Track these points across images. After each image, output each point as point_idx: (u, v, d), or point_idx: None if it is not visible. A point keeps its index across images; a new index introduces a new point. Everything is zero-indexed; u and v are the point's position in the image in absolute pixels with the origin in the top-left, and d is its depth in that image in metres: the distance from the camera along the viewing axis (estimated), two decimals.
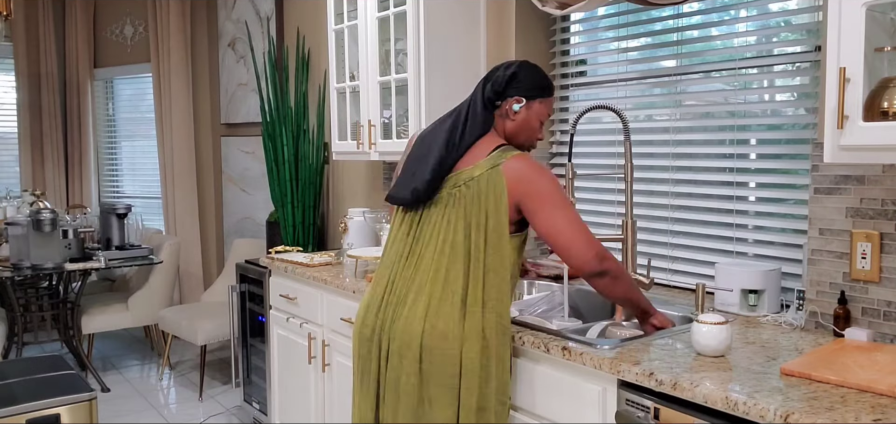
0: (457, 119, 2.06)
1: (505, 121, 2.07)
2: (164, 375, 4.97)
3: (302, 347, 3.21)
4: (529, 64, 2.10)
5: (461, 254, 1.94)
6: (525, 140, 2.10)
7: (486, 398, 1.93)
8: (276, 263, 3.39)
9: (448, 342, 1.91)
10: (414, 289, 1.97)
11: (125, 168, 6.37)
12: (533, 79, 2.07)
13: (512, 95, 2.05)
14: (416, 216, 2.06)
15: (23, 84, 6.10)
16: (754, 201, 2.47)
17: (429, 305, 1.93)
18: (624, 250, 2.48)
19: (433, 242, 1.98)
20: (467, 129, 2.03)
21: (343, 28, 3.48)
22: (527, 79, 2.06)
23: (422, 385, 1.93)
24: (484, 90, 2.07)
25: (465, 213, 1.96)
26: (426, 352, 1.91)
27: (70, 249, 4.59)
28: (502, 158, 1.97)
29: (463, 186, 1.97)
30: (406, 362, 1.93)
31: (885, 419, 1.41)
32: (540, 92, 2.08)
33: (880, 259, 1.94)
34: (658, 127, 2.77)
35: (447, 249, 1.95)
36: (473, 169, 1.97)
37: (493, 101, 2.06)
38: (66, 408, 2.71)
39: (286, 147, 4.14)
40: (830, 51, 1.67)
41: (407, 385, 1.94)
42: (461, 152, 2.01)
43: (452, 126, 2.04)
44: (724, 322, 1.80)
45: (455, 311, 1.92)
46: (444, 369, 1.91)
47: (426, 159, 2.03)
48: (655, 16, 2.75)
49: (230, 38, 5.39)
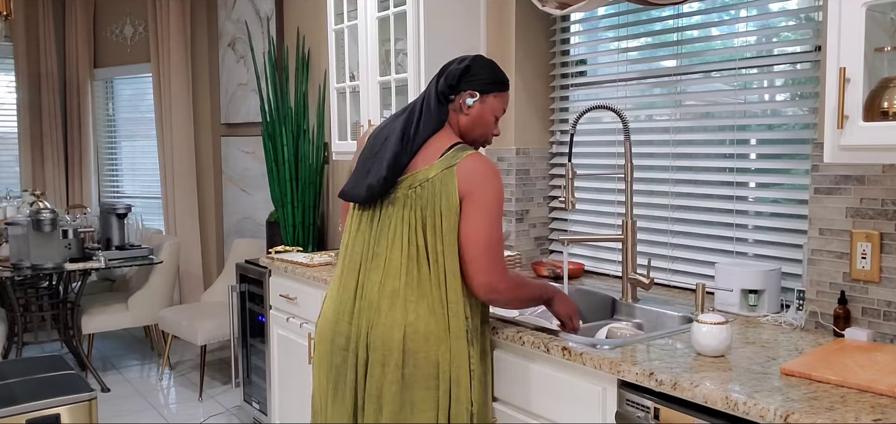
0: (411, 114, 2.02)
1: (459, 115, 2.04)
2: (164, 375, 4.97)
3: (302, 347, 3.21)
4: (484, 58, 2.08)
5: (424, 257, 1.93)
6: (479, 135, 2.08)
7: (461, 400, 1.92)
8: (276, 263, 3.39)
9: (430, 343, 1.89)
10: (387, 294, 1.93)
11: (125, 168, 6.37)
12: (487, 73, 2.05)
13: (465, 89, 2.03)
14: (373, 215, 2.02)
15: (23, 84, 6.10)
16: (754, 201, 2.47)
17: (405, 309, 1.91)
18: (624, 250, 2.48)
19: (397, 243, 1.95)
20: (421, 124, 2.00)
21: (343, 28, 3.48)
22: (481, 73, 2.04)
23: (404, 390, 1.90)
24: (437, 84, 2.04)
25: (421, 215, 1.93)
26: (409, 356, 1.89)
27: (70, 249, 4.59)
28: (457, 157, 1.95)
29: (419, 186, 1.94)
30: (389, 369, 1.90)
31: (885, 419, 1.41)
32: (494, 86, 2.06)
33: (880, 259, 1.94)
34: (658, 127, 2.77)
35: (412, 251, 1.93)
36: (429, 169, 1.95)
37: (446, 94, 2.03)
38: (66, 408, 2.71)
39: (286, 147, 4.14)
40: (830, 51, 1.67)
41: (389, 392, 1.91)
42: (415, 149, 1.98)
43: (406, 121, 2.01)
44: (724, 322, 1.80)
45: (431, 313, 1.90)
46: (426, 371, 1.89)
47: (380, 155, 2.00)
48: (655, 16, 2.75)
49: (230, 38, 5.39)
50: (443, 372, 1.90)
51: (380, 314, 1.93)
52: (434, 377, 1.90)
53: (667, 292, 2.64)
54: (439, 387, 1.91)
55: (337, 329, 2.02)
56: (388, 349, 1.91)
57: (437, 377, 1.90)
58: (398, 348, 1.89)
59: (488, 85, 2.05)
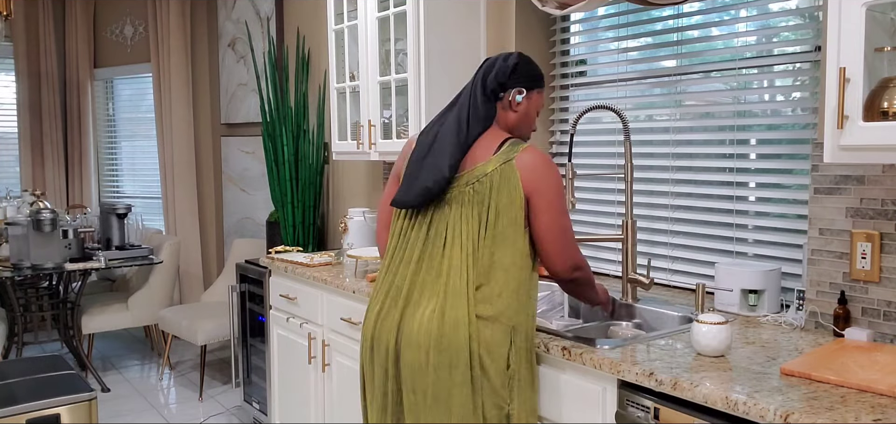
0: (459, 113, 2.03)
1: (507, 112, 2.06)
2: (164, 375, 4.97)
3: (302, 347, 3.21)
4: (525, 55, 2.10)
5: (471, 253, 1.91)
6: (525, 131, 2.10)
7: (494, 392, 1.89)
8: (276, 263, 3.39)
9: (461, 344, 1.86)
10: (436, 294, 1.91)
11: (125, 168, 6.37)
12: (531, 70, 2.08)
13: (514, 86, 2.04)
14: (426, 218, 2.00)
15: (23, 84, 6.10)
16: (754, 201, 2.47)
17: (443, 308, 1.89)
18: (624, 250, 2.48)
19: (450, 243, 1.94)
20: (471, 123, 2.01)
21: (343, 28, 3.48)
22: (526, 69, 2.07)
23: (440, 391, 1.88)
24: (485, 81, 2.04)
25: (478, 211, 1.93)
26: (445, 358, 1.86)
27: (70, 249, 4.59)
28: (514, 151, 1.96)
29: (476, 182, 1.94)
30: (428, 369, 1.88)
31: (885, 419, 1.41)
32: (538, 82, 2.10)
33: (880, 259, 1.94)
34: (658, 127, 2.77)
35: (458, 248, 1.92)
36: (486, 165, 1.95)
37: (496, 92, 2.04)
38: (66, 408, 2.71)
39: (286, 147, 4.14)
40: (830, 51, 1.67)
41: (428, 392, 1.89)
42: (469, 146, 1.99)
43: (457, 122, 2.01)
44: (724, 322, 1.80)
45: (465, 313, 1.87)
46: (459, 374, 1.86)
47: (433, 158, 1.99)
48: (655, 16, 2.75)
49: (230, 38, 5.39)
50: (474, 362, 1.87)
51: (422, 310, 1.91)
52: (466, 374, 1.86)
53: (667, 292, 2.64)
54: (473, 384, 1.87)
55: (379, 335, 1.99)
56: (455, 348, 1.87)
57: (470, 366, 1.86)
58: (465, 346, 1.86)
59: (533, 81, 2.08)
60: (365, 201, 4.07)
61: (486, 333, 1.88)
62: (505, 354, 1.90)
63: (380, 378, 2.00)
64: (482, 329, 1.88)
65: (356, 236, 3.51)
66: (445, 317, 1.88)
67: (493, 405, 1.89)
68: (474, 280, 1.90)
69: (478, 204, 1.93)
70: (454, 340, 1.86)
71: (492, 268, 1.91)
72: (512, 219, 1.93)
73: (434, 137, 2.03)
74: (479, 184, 1.94)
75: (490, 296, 1.90)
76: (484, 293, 1.90)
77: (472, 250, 1.91)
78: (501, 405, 1.90)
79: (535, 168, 1.94)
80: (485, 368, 1.88)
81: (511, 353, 1.91)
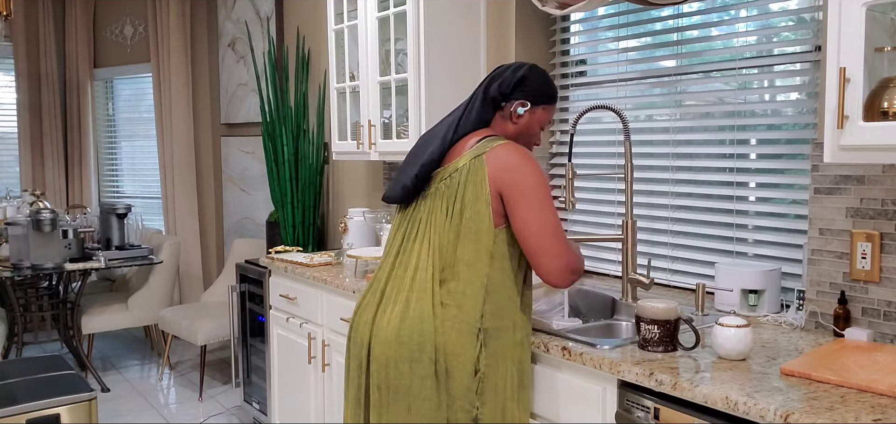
0: (454, 117, 2.05)
1: (506, 122, 2.04)
2: (164, 375, 4.97)
3: (302, 347, 3.21)
4: (539, 68, 2.07)
5: (437, 247, 1.90)
6: (524, 145, 2.08)
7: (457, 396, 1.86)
8: (276, 263, 3.39)
9: (423, 337, 1.85)
10: (404, 289, 1.92)
11: (125, 168, 6.37)
12: (541, 85, 2.05)
13: (518, 97, 2.03)
14: (406, 214, 2.04)
15: (23, 84, 6.10)
16: (754, 200, 2.47)
17: (408, 301, 1.89)
18: (624, 250, 2.48)
19: (420, 237, 1.95)
20: (462, 124, 2.01)
21: (343, 28, 3.48)
22: (535, 83, 2.04)
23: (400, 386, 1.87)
24: (488, 89, 2.04)
25: (445, 204, 1.93)
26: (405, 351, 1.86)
27: (70, 249, 4.59)
28: (487, 146, 1.93)
29: (449, 178, 1.95)
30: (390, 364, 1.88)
31: (885, 419, 1.41)
32: (545, 99, 2.06)
33: (880, 259, 1.94)
34: (658, 127, 2.77)
35: (426, 243, 1.93)
36: (459, 160, 1.95)
37: (497, 101, 2.03)
38: (66, 408, 2.71)
39: (286, 147, 4.14)
40: (830, 51, 1.67)
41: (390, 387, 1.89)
42: (451, 145, 1.99)
43: (449, 123, 2.03)
44: (747, 325, 1.78)
45: (429, 305, 1.87)
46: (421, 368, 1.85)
47: (418, 156, 2.02)
48: (655, 16, 2.75)
49: (230, 38, 5.39)
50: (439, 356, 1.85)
51: (391, 306, 1.92)
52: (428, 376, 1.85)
53: (667, 292, 2.64)
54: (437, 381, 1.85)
55: (356, 327, 2.01)
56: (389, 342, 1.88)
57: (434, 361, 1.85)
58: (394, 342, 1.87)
59: (540, 97, 2.05)
60: (365, 201, 4.07)
61: (451, 335, 1.86)
62: (472, 357, 1.87)
63: (354, 371, 2.01)
64: (447, 327, 1.86)
65: (356, 236, 3.51)
66: (410, 309, 1.88)
67: (459, 408, 1.87)
68: (438, 274, 1.89)
69: (447, 199, 1.93)
70: (415, 332, 1.85)
71: (455, 263, 1.89)
72: (476, 212, 1.89)
73: (429, 138, 2.05)
74: (451, 179, 1.94)
75: (454, 292, 1.88)
76: (449, 288, 1.89)
77: (437, 244, 1.91)
78: (469, 409, 1.88)
79: (506, 162, 1.90)
80: (450, 371, 1.86)
81: (481, 356, 1.87)
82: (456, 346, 1.86)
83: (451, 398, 1.87)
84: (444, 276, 1.90)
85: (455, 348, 1.86)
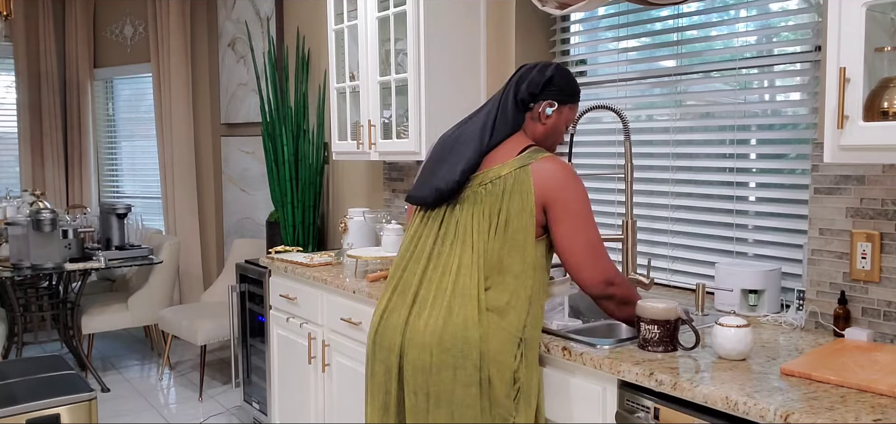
0: (487, 118, 2.02)
1: (536, 123, 2.05)
2: (164, 375, 4.97)
3: (302, 347, 3.21)
4: (563, 68, 2.08)
5: (482, 253, 1.89)
6: (551, 144, 2.09)
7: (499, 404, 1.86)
8: (276, 263, 3.39)
9: (468, 344, 1.83)
10: (444, 293, 1.89)
11: (125, 168, 6.37)
12: (566, 84, 2.06)
13: (546, 98, 2.03)
14: (438, 217, 2.00)
15: (23, 84, 6.10)
16: (754, 201, 2.47)
17: (450, 306, 1.87)
18: (624, 250, 2.48)
19: (459, 242, 1.92)
20: (497, 127, 2.00)
21: (343, 28, 3.48)
22: (561, 83, 2.05)
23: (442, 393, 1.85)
24: (517, 90, 2.03)
25: (488, 212, 1.91)
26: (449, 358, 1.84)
27: (70, 249, 4.59)
28: (532, 158, 1.94)
29: (489, 183, 1.93)
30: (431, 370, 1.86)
31: (885, 419, 1.41)
32: (571, 98, 2.08)
33: (880, 259, 1.94)
34: (658, 127, 2.77)
35: (468, 248, 1.91)
36: (501, 167, 1.94)
37: (527, 102, 2.03)
38: (66, 408, 2.71)
39: (286, 147, 4.15)
40: (830, 51, 1.67)
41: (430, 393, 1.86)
42: (489, 150, 1.98)
43: (483, 125, 2.00)
44: (747, 325, 1.78)
45: (474, 312, 1.85)
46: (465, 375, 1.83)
47: (452, 158, 1.99)
48: (655, 16, 2.75)
49: (230, 38, 5.39)
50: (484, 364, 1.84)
51: (428, 310, 1.89)
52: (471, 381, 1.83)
53: (667, 292, 2.64)
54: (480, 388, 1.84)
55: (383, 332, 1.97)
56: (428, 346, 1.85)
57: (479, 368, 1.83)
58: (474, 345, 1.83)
59: (566, 96, 2.06)
60: (365, 201, 4.07)
61: (494, 343, 1.85)
62: (512, 366, 1.87)
63: (381, 375, 1.98)
64: (490, 335, 1.85)
65: (356, 236, 3.51)
66: (453, 315, 1.86)
67: (497, 415, 1.87)
68: (483, 281, 1.88)
69: (489, 205, 1.92)
70: (460, 338, 1.84)
71: (501, 272, 1.89)
72: (522, 225, 1.90)
73: (456, 140, 2.03)
74: (492, 185, 1.93)
75: (499, 301, 1.88)
76: (492, 296, 1.88)
77: (482, 249, 1.90)
78: (506, 417, 1.87)
79: (552, 176, 1.91)
80: (491, 380, 1.85)
81: (521, 366, 1.88)
82: (498, 354, 1.86)
83: (492, 405, 1.86)
84: (489, 282, 1.89)
85: (497, 356, 1.86)
